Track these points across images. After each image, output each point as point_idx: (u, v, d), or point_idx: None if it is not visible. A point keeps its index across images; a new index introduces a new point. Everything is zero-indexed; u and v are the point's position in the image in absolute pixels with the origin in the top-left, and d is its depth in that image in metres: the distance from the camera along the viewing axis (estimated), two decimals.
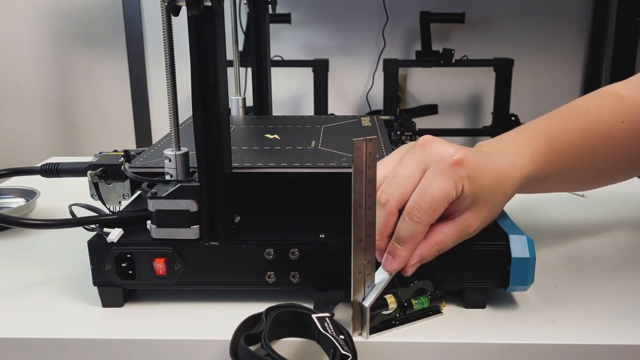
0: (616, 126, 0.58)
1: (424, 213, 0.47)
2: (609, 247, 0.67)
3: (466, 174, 0.48)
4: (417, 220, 0.47)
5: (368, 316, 0.48)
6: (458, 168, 0.48)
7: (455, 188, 0.48)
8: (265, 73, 0.86)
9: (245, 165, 0.58)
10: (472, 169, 0.48)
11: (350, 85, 2.58)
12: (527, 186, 0.54)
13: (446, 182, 0.47)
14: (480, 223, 0.50)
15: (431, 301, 0.51)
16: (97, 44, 2.51)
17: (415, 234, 0.48)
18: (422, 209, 0.47)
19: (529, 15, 2.49)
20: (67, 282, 0.59)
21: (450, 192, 0.47)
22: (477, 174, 0.48)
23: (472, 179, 0.48)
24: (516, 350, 0.48)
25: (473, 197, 0.49)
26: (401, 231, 0.48)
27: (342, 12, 2.50)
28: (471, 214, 0.49)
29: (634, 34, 2.34)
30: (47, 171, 0.66)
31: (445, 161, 0.48)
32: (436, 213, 0.48)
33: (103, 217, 0.55)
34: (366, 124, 0.76)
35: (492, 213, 0.51)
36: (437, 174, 0.48)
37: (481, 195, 0.49)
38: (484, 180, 0.49)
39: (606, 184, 0.64)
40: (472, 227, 0.50)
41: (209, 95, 0.49)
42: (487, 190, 0.49)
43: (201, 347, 0.49)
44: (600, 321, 0.51)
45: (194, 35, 0.48)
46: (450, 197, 0.48)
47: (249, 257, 0.52)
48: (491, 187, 0.50)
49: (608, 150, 0.58)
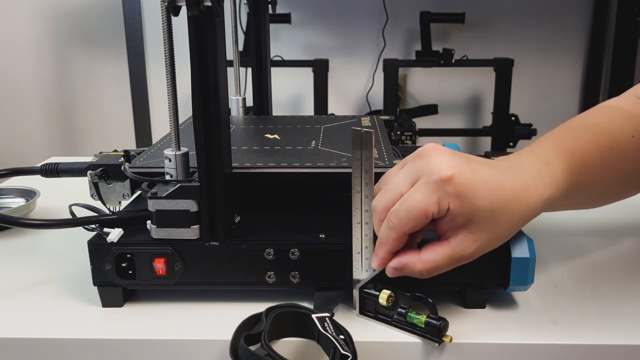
0: (627, 140, 0.56)
1: (399, 220, 0.46)
2: (609, 247, 0.67)
3: (454, 192, 0.45)
4: (392, 226, 0.47)
5: (357, 295, 0.51)
6: (445, 185, 0.45)
7: (438, 204, 0.45)
8: (265, 73, 0.86)
9: (245, 165, 0.58)
10: (464, 187, 0.45)
11: (350, 85, 2.58)
12: (547, 208, 0.51)
13: (428, 196, 0.45)
14: (479, 246, 0.47)
15: (426, 324, 0.48)
16: (97, 44, 2.51)
17: (389, 239, 0.47)
18: (399, 216, 0.46)
19: (529, 15, 2.49)
20: (67, 282, 0.59)
21: (430, 207, 0.45)
22: (470, 192, 0.45)
23: (462, 198, 0.45)
24: (516, 350, 0.48)
25: (466, 217, 0.46)
26: (380, 233, 0.48)
27: (342, 12, 2.50)
28: (467, 235, 0.46)
29: (634, 34, 2.34)
30: (47, 171, 0.66)
31: (433, 175, 0.46)
32: (411, 223, 0.46)
33: (103, 217, 0.55)
34: (366, 124, 0.76)
35: (494, 237, 0.48)
36: (422, 186, 0.46)
37: (477, 215, 0.46)
38: (481, 200, 0.46)
39: (621, 199, 0.61)
40: (467, 249, 0.47)
41: (209, 95, 0.49)
42: (485, 211, 0.46)
43: (201, 347, 0.49)
44: (600, 321, 0.51)
45: (194, 35, 0.48)
46: (429, 212, 0.45)
47: (249, 257, 0.52)
48: (491, 207, 0.46)
49: (621, 165, 0.56)
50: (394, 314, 0.50)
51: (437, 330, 0.48)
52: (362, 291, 0.51)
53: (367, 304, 0.51)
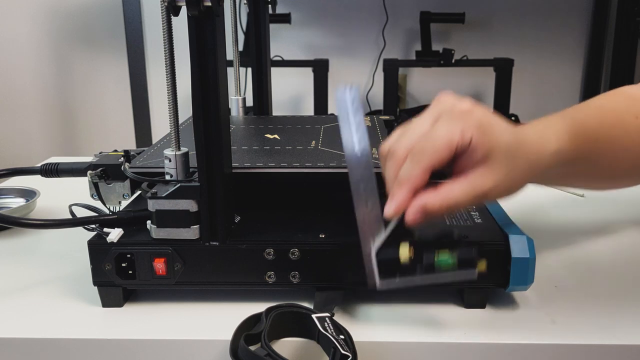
0: (630, 121, 0.57)
1: (424, 154, 0.46)
2: (609, 248, 0.67)
3: (476, 123, 0.46)
4: (416, 160, 0.46)
5: (374, 262, 0.46)
6: (467, 116, 0.46)
7: (461, 134, 0.45)
8: (265, 73, 0.86)
9: (245, 165, 0.58)
10: (485, 119, 0.47)
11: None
12: (553, 166, 0.51)
13: (452, 126, 0.46)
14: (496, 183, 0.47)
15: (460, 261, 0.46)
16: (97, 44, 2.51)
17: (412, 175, 0.46)
18: (423, 150, 0.46)
19: (529, 15, 2.49)
20: (67, 282, 0.59)
21: (454, 137, 0.45)
22: (490, 126, 0.47)
23: (483, 130, 0.46)
24: (516, 350, 0.48)
25: (485, 150, 0.46)
26: (400, 172, 0.47)
27: (342, 12, 2.50)
28: (485, 170, 0.46)
29: (634, 34, 2.34)
30: (47, 171, 0.66)
31: (455, 109, 0.47)
32: (436, 156, 0.46)
33: (103, 217, 0.55)
34: (366, 124, 0.76)
35: (511, 177, 0.47)
36: (445, 121, 0.47)
37: (495, 150, 0.46)
38: (500, 134, 0.47)
39: (623, 184, 0.63)
40: (486, 184, 0.46)
41: (209, 95, 0.49)
42: (503, 147, 0.46)
43: (201, 347, 0.49)
44: (600, 321, 0.51)
45: (194, 35, 0.48)
46: (453, 143, 0.45)
47: (249, 257, 0.52)
48: (509, 144, 0.47)
49: (624, 145, 0.57)
50: (418, 267, 0.46)
51: (471, 261, 0.46)
52: (378, 257, 0.46)
53: (385, 270, 0.46)
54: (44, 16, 2.48)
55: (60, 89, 2.58)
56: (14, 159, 2.52)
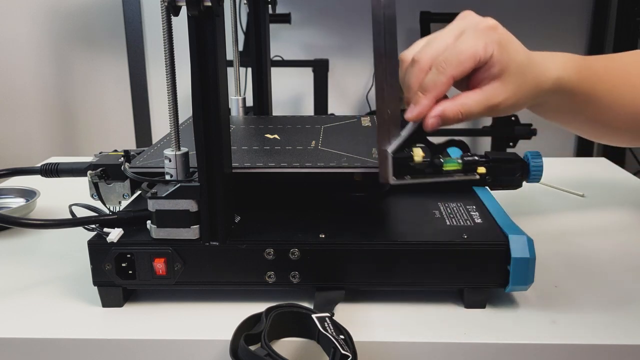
0: (636, 75, 0.60)
1: (449, 64, 0.50)
2: (609, 247, 0.67)
3: (498, 39, 0.50)
4: (442, 70, 0.50)
5: (390, 160, 0.51)
6: (491, 32, 0.50)
7: (485, 48, 0.50)
8: (265, 73, 0.86)
9: (245, 165, 0.58)
10: (505, 37, 0.51)
11: (350, 85, 2.57)
12: (554, 94, 0.56)
13: (477, 40, 0.50)
14: (507, 97, 0.51)
15: (465, 163, 0.52)
16: (97, 44, 2.51)
17: (437, 83, 0.50)
18: (448, 60, 0.50)
19: (529, 15, 2.49)
20: (67, 282, 0.59)
21: (479, 51, 0.49)
22: (509, 44, 0.51)
23: (503, 47, 0.50)
24: (516, 350, 0.48)
25: (502, 66, 0.50)
26: (425, 80, 0.51)
27: (342, 12, 2.50)
28: (499, 84, 0.51)
29: (634, 34, 2.34)
30: (47, 171, 0.66)
31: (480, 24, 0.51)
32: (461, 67, 0.50)
33: (103, 217, 0.55)
34: (366, 124, 0.76)
35: (519, 93, 0.52)
36: (470, 34, 0.51)
37: (510, 66, 0.51)
38: (515, 53, 0.51)
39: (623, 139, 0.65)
40: (498, 97, 0.51)
41: (209, 95, 0.49)
42: (517, 64, 0.51)
43: (201, 347, 0.49)
44: (600, 321, 0.51)
45: (194, 35, 0.48)
46: (477, 56, 0.50)
47: (249, 257, 0.52)
48: (522, 63, 0.51)
49: (628, 96, 0.60)
50: (426, 167, 0.51)
51: (474, 165, 0.52)
52: (395, 155, 0.51)
53: (398, 169, 0.51)
54: (44, 16, 2.48)
55: (60, 89, 2.58)
56: (14, 159, 2.52)
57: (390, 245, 0.52)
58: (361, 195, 0.61)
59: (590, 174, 0.96)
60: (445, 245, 0.51)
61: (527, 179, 0.64)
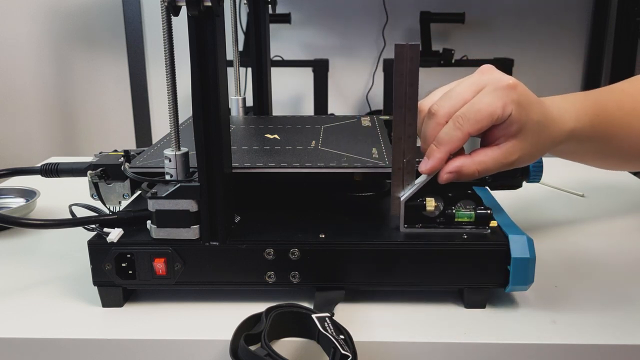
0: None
1: (467, 121, 0.50)
2: (609, 247, 0.67)
3: (517, 99, 0.50)
4: (458, 126, 0.50)
5: (402, 207, 0.52)
6: (511, 91, 0.50)
7: (503, 108, 0.50)
8: (265, 73, 0.86)
9: (245, 165, 0.58)
10: (524, 97, 0.51)
11: (350, 85, 2.57)
12: (570, 142, 0.56)
13: (496, 99, 0.50)
14: (522, 154, 0.52)
15: (477, 216, 0.52)
16: (97, 44, 2.51)
17: (453, 138, 0.50)
18: (466, 117, 0.50)
19: (529, 15, 2.49)
20: (67, 282, 0.59)
21: (497, 110, 0.49)
22: (528, 104, 0.51)
23: (521, 107, 0.50)
24: (516, 350, 0.48)
25: (520, 125, 0.50)
26: (441, 134, 0.51)
27: (342, 12, 2.50)
28: (516, 142, 0.51)
29: (634, 34, 2.34)
30: (47, 171, 0.66)
31: (501, 82, 0.51)
32: (478, 125, 0.50)
33: (103, 217, 0.55)
34: (366, 123, 0.76)
35: (535, 150, 0.53)
36: (490, 92, 0.50)
37: (528, 125, 0.51)
38: (533, 113, 0.51)
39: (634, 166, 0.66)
40: (515, 154, 0.51)
41: (209, 95, 0.49)
42: (534, 124, 0.51)
43: (201, 347, 0.49)
44: (600, 321, 0.51)
45: (194, 35, 0.48)
46: (495, 115, 0.49)
47: (249, 257, 0.52)
48: (539, 122, 0.52)
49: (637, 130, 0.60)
50: (438, 217, 0.52)
51: (486, 219, 0.52)
52: (407, 204, 0.52)
53: (409, 217, 0.53)
54: (44, 16, 2.48)
55: (60, 89, 2.58)
56: (14, 159, 2.52)
57: (390, 245, 0.52)
58: (361, 195, 0.61)
59: (590, 174, 0.95)
60: (446, 246, 0.51)
61: (527, 179, 0.64)
